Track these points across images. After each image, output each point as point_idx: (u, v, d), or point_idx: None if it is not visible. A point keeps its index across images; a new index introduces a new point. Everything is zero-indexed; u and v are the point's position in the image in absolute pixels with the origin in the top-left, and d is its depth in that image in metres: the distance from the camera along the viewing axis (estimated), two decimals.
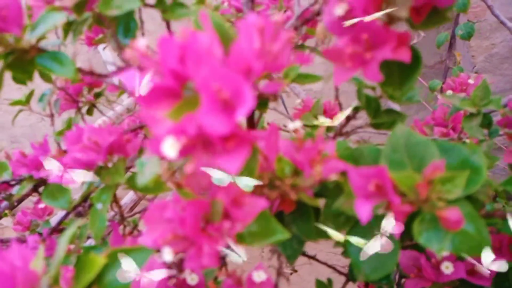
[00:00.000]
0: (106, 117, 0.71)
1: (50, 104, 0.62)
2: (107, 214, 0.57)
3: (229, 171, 0.16)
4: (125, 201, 0.79)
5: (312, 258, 0.53)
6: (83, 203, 0.51)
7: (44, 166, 0.38)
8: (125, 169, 0.39)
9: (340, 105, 0.45)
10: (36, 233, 0.62)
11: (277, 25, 0.18)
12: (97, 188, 0.41)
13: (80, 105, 0.62)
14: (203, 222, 0.24)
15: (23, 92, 0.68)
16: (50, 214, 0.70)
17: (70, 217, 0.55)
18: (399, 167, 0.26)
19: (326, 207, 0.31)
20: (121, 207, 0.39)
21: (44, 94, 0.59)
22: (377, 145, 0.30)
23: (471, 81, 0.69)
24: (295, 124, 0.29)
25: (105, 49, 0.76)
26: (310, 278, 0.54)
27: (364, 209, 0.22)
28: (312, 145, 0.28)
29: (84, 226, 0.50)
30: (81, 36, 0.59)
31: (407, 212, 0.22)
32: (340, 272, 0.52)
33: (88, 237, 0.54)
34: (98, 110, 0.67)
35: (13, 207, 0.49)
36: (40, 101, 0.60)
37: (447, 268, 0.38)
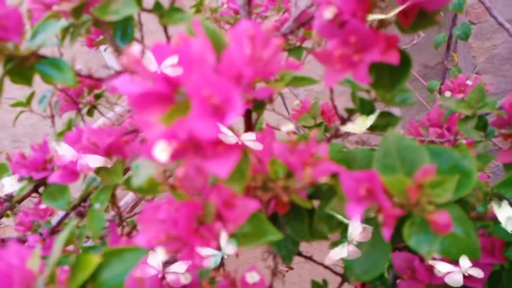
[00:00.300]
0: (106, 118, 0.71)
1: (51, 105, 0.63)
2: (108, 215, 0.58)
3: (219, 175, 0.17)
4: (126, 201, 0.80)
5: (309, 259, 0.54)
6: (83, 203, 0.51)
7: (58, 152, 0.37)
8: (125, 170, 0.39)
9: (335, 107, 0.45)
10: (37, 233, 0.62)
11: (268, 33, 0.19)
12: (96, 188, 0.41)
13: (81, 107, 0.63)
14: (197, 223, 0.24)
15: (25, 91, 0.68)
16: (52, 215, 0.71)
17: (71, 217, 0.55)
18: (391, 171, 0.26)
19: (320, 209, 0.32)
20: (119, 208, 0.40)
21: (44, 96, 0.60)
22: (373, 147, 0.30)
23: (470, 82, 0.70)
24: (288, 127, 0.29)
25: (106, 51, 0.77)
26: (310, 278, 0.54)
27: (355, 212, 0.23)
28: (305, 148, 0.29)
29: (84, 226, 0.51)
30: (81, 38, 0.60)
31: (397, 216, 0.23)
32: (336, 273, 0.52)
33: (88, 237, 0.54)
34: (99, 111, 0.67)
35: (13, 207, 0.49)
36: (40, 103, 0.60)
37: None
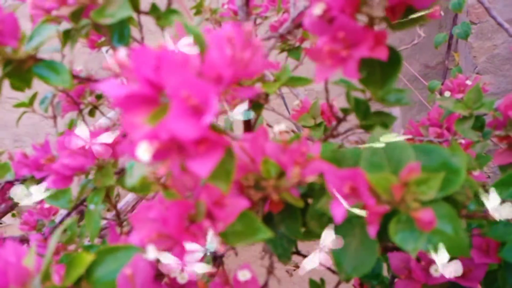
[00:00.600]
0: (108, 118, 0.72)
1: (53, 106, 0.64)
2: (109, 214, 0.59)
3: (200, 174, 0.17)
4: (127, 200, 0.81)
5: (305, 257, 0.54)
6: (85, 202, 0.52)
7: (76, 133, 0.37)
8: (121, 170, 0.40)
9: (331, 107, 0.45)
10: (40, 233, 0.63)
11: (248, 34, 0.19)
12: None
13: (82, 107, 0.64)
14: (188, 222, 0.25)
15: (27, 92, 0.69)
16: (56, 214, 0.72)
17: (72, 216, 0.56)
18: (378, 169, 0.26)
19: (312, 208, 0.32)
20: (117, 207, 0.41)
21: (46, 97, 0.61)
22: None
23: (469, 82, 0.70)
24: (280, 126, 0.30)
25: (108, 52, 0.78)
26: (309, 278, 0.55)
27: (339, 210, 0.23)
28: (296, 147, 0.29)
29: (84, 226, 0.52)
30: (82, 40, 0.60)
31: (381, 213, 0.23)
32: (335, 272, 0.52)
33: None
34: (100, 112, 0.68)
35: (15, 206, 0.50)
36: (42, 104, 0.61)
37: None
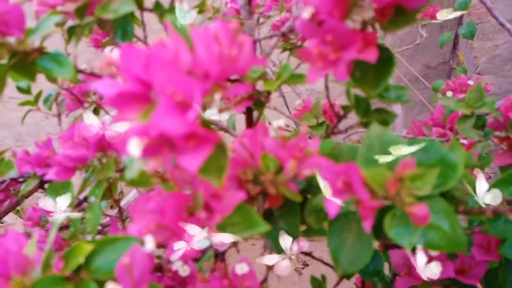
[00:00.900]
0: (112, 117, 0.73)
1: (57, 104, 0.65)
2: (112, 212, 0.60)
3: (190, 169, 0.18)
4: (128, 199, 0.81)
5: (308, 255, 0.54)
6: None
7: (84, 121, 0.38)
8: (124, 168, 0.41)
9: (332, 106, 0.46)
10: (43, 229, 0.64)
11: (234, 32, 0.20)
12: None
13: (86, 105, 0.65)
14: (186, 213, 0.25)
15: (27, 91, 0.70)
16: None
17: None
18: (374, 165, 0.27)
19: (309, 203, 0.32)
20: (118, 202, 0.41)
21: (50, 95, 0.62)
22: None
23: (471, 83, 0.70)
24: (278, 122, 0.30)
25: (112, 51, 0.79)
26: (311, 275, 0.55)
27: (333, 205, 0.23)
28: (295, 143, 0.30)
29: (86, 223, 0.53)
30: (86, 40, 0.61)
31: (375, 208, 0.23)
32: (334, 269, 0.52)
33: None
34: (104, 110, 0.69)
35: (18, 204, 0.51)
36: (46, 103, 0.62)
37: (437, 268, 0.38)
